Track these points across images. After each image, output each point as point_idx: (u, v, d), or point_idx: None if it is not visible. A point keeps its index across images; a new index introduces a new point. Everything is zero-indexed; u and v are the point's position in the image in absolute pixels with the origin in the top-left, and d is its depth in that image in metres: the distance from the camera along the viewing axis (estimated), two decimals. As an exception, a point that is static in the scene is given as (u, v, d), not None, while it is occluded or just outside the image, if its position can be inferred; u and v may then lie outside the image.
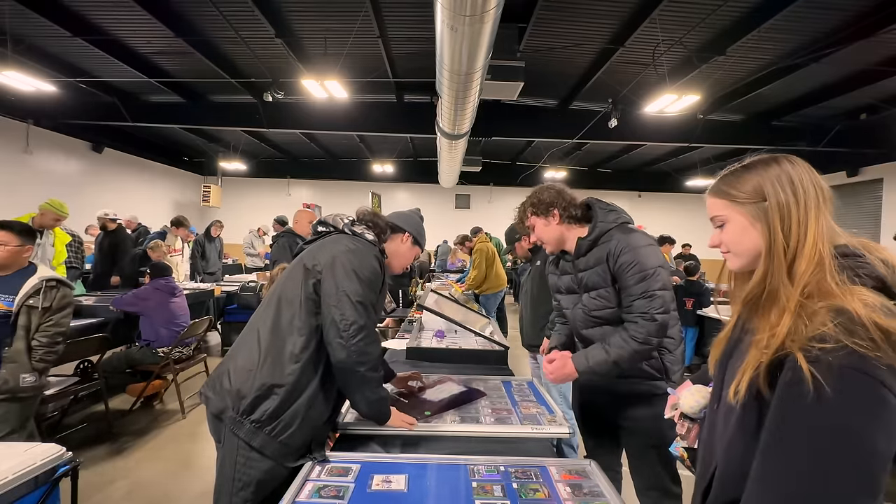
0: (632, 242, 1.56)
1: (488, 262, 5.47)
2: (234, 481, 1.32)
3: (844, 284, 0.70)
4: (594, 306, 1.64)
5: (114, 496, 2.59)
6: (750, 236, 0.81)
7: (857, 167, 9.61)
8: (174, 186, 12.92)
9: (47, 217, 4.23)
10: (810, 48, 5.49)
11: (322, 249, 1.47)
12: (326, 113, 8.32)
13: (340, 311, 1.35)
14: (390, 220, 1.70)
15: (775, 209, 0.77)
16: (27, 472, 1.30)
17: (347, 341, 1.35)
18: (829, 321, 0.66)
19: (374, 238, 1.56)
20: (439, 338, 2.95)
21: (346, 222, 1.57)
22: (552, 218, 1.69)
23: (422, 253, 1.80)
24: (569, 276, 1.74)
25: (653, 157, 12.01)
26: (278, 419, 1.32)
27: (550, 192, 1.72)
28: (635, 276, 1.52)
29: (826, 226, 0.76)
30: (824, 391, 0.63)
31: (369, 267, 1.44)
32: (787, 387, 0.67)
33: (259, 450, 1.32)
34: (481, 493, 1.22)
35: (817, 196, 0.77)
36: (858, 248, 0.74)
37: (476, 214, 13.97)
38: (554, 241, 1.72)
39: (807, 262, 0.73)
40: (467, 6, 3.12)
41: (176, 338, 3.65)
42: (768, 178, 0.79)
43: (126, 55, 6.52)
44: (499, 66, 5.00)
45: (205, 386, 1.44)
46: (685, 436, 1.04)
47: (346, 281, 1.38)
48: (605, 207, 1.70)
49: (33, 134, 8.51)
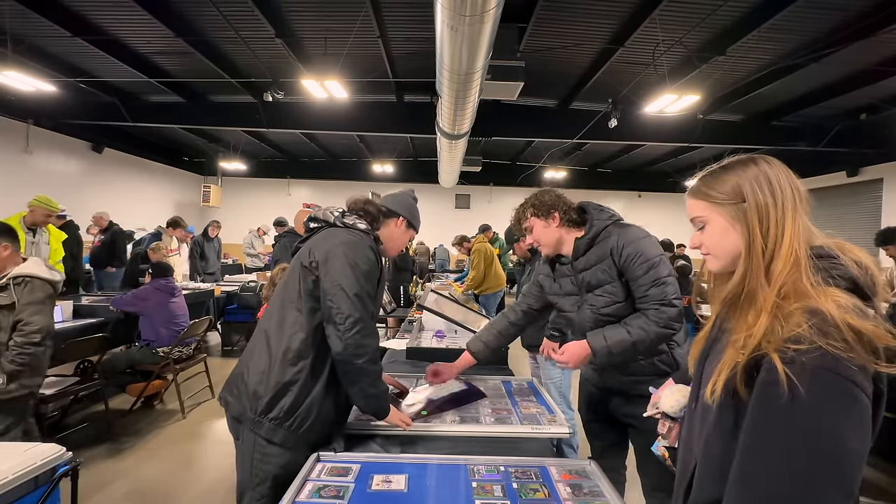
0: (631, 236, 1.60)
1: (487, 262, 5.47)
2: (253, 477, 1.37)
3: (819, 285, 0.71)
4: (602, 303, 1.63)
5: (114, 496, 2.59)
6: (730, 237, 0.82)
7: (857, 167, 9.60)
8: (174, 186, 12.92)
9: (38, 213, 4.10)
10: (810, 48, 5.49)
11: (316, 245, 1.47)
12: (326, 113, 8.32)
13: (336, 305, 1.37)
14: (383, 204, 1.68)
15: (754, 210, 0.78)
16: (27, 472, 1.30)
17: (344, 334, 1.36)
18: (803, 322, 0.67)
19: (367, 227, 1.55)
20: (439, 338, 2.95)
21: (337, 215, 1.56)
22: (552, 220, 1.70)
23: (416, 234, 1.78)
24: (567, 278, 1.75)
25: (653, 158, 12.01)
26: (296, 413, 1.37)
27: (551, 195, 1.73)
28: (643, 267, 1.54)
29: (802, 226, 0.77)
30: (798, 392, 0.64)
31: (363, 258, 1.44)
32: (764, 387, 0.69)
33: (281, 444, 1.36)
34: (481, 493, 1.22)
35: (794, 196, 0.78)
36: (833, 249, 0.75)
37: (476, 214, 13.97)
38: (552, 243, 1.73)
39: (783, 262, 0.74)
40: (467, 6, 3.12)
41: (176, 338, 3.65)
42: (746, 178, 0.80)
43: (126, 55, 6.52)
44: (499, 66, 5.00)
45: (223, 390, 1.49)
46: (666, 435, 1.06)
47: (341, 275, 1.39)
48: (598, 208, 1.73)
49: (33, 134, 8.51)
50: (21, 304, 2.14)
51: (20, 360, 2.11)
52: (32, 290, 2.17)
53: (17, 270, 2.18)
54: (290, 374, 1.37)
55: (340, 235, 1.48)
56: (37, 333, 2.15)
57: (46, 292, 2.23)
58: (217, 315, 5.54)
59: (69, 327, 3.54)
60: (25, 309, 2.14)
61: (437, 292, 4.24)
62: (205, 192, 13.15)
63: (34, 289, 2.18)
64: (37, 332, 2.15)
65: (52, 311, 2.30)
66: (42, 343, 2.18)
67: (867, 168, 9.51)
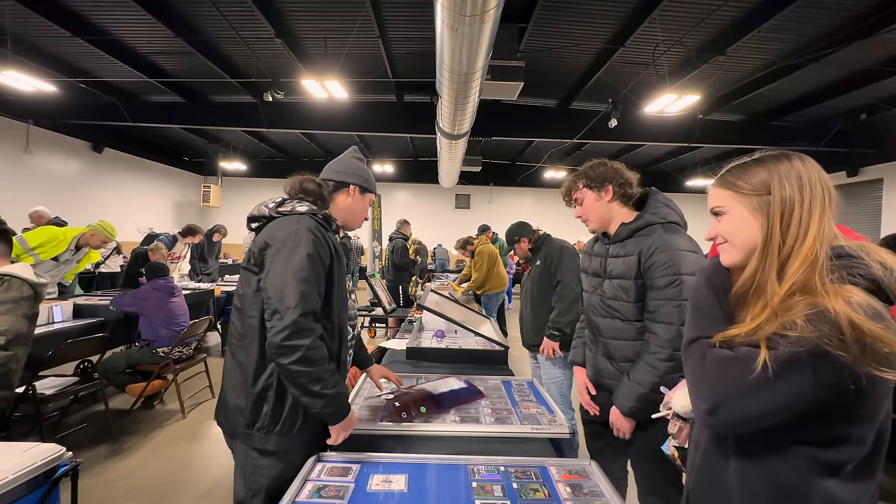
0: (672, 243, 1.48)
1: (490, 264, 5.49)
2: (247, 490, 1.35)
3: (832, 284, 0.69)
4: (611, 294, 1.61)
5: (114, 496, 2.59)
6: (750, 228, 0.80)
7: (857, 167, 9.61)
8: (174, 186, 12.93)
9: (96, 238, 4.00)
10: (810, 48, 5.49)
11: (255, 244, 1.39)
12: (326, 113, 8.32)
13: (268, 303, 1.27)
14: (325, 177, 1.57)
15: (777, 204, 0.76)
16: (27, 472, 1.30)
17: (270, 331, 1.25)
18: (800, 314, 0.66)
19: (309, 207, 1.41)
20: (439, 338, 2.95)
21: (272, 206, 1.43)
22: (605, 193, 1.63)
23: (375, 196, 1.64)
24: (599, 258, 1.69)
25: (653, 157, 12.01)
26: (281, 418, 1.34)
27: (607, 167, 1.65)
28: (667, 279, 1.45)
29: (828, 228, 0.74)
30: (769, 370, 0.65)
31: (303, 243, 1.30)
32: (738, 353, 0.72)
33: (276, 452, 1.33)
34: (481, 493, 1.22)
35: (824, 197, 0.75)
36: (857, 251, 0.73)
37: (476, 214, 13.97)
38: (600, 218, 1.65)
39: (800, 262, 0.72)
40: (467, 6, 3.12)
41: (176, 338, 3.65)
42: (776, 172, 0.78)
43: (126, 55, 6.52)
44: (499, 66, 5.00)
45: (216, 411, 1.46)
46: (676, 435, 1.05)
47: (274, 268, 1.28)
48: (662, 201, 1.62)
49: (33, 134, 8.51)
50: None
51: None
52: (8, 288, 1.92)
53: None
54: (262, 381, 1.32)
55: (275, 226, 1.36)
56: (2, 335, 1.83)
57: (23, 293, 1.96)
58: (217, 315, 5.54)
59: (69, 327, 3.54)
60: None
61: (437, 292, 4.24)
62: (205, 192, 13.16)
63: (10, 287, 1.92)
64: (3, 333, 1.81)
65: (30, 314, 2.02)
66: (7, 347, 1.84)
67: (867, 168, 9.52)
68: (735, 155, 0.87)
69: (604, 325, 1.66)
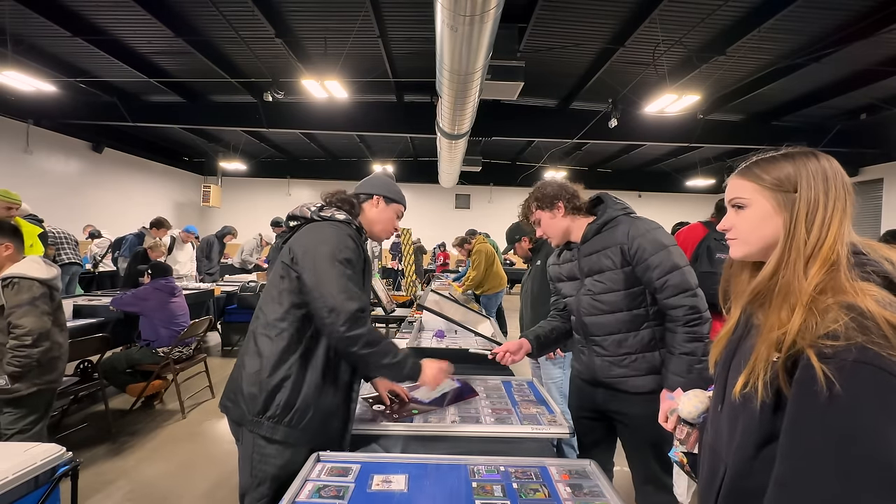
0: (642, 226, 1.60)
1: (488, 263, 5.48)
2: (253, 478, 1.38)
3: (855, 281, 0.69)
4: (600, 289, 1.64)
5: (114, 496, 2.59)
6: (770, 225, 0.78)
7: (857, 167, 9.61)
8: (174, 186, 12.93)
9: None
10: (810, 48, 5.49)
11: (295, 242, 1.47)
12: (326, 113, 8.32)
13: (323, 301, 1.37)
14: (356, 191, 1.68)
15: (804, 203, 0.75)
16: (27, 472, 1.30)
17: (331, 327, 1.37)
18: (840, 318, 0.64)
19: (346, 216, 1.53)
20: (439, 338, 2.95)
21: (314, 209, 1.54)
22: (557, 210, 1.72)
23: (404, 210, 1.74)
24: (570, 263, 1.76)
25: (653, 157, 12.02)
26: (293, 409, 1.37)
27: (553, 186, 1.75)
28: (659, 254, 1.54)
29: (847, 228, 0.74)
30: (836, 389, 0.61)
31: (344, 248, 1.43)
32: (800, 386, 0.66)
33: (282, 442, 1.36)
34: (481, 494, 1.22)
35: (846, 199, 0.75)
36: (864, 247, 0.73)
37: (476, 214, 13.99)
38: (559, 233, 1.75)
39: (822, 262, 0.72)
40: (467, 6, 3.12)
41: (176, 338, 3.65)
42: (805, 170, 0.77)
43: (126, 55, 6.52)
44: (499, 66, 5.01)
45: (223, 396, 1.48)
46: (684, 440, 1.03)
47: (322, 268, 1.39)
48: (616, 199, 1.75)
49: (33, 134, 8.52)
50: (8, 306, 2.12)
51: (17, 363, 2.10)
52: (18, 291, 2.14)
53: (6, 271, 2.15)
54: (282, 371, 1.38)
55: (318, 229, 1.47)
56: (27, 336, 2.11)
57: (34, 293, 2.17)
58: (217, 315, 5.54)
59: (69, 327, 3.52)
60: (13, 312, 2.12)
61: (437, 292, 4.24)
62: (205, 192, 13.16)
63: (20, 290, 2.14)
64: (26, 334, 2.11)
65: (49, 310, 2.25)
66: (36, 344, 2.14)
67: (867, 168, 9.52)
68: (735, 155, 0.87)
69: (596, 323, 1.67)
